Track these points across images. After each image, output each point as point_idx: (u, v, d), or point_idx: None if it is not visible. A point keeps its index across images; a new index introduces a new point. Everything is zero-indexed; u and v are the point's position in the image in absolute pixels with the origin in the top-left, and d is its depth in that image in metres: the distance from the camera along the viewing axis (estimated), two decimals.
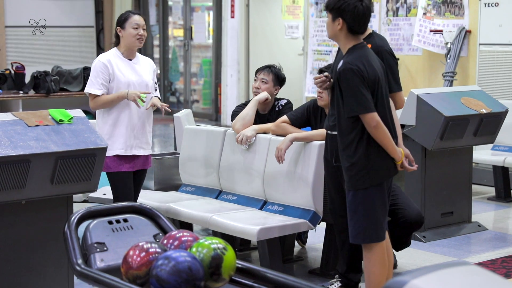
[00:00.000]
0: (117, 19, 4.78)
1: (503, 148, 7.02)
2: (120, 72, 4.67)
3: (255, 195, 5.00)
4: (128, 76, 4.68)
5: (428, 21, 8.00)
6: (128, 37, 4.69)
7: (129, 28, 4.68)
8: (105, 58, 4.68)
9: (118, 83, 4.65)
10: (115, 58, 4.70)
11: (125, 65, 4.71)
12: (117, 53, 4.73)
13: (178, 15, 13.27)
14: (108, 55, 4.72)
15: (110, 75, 4.65)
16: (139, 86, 4.70)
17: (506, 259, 5.20)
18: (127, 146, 4.66)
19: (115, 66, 4.66)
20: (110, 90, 4.66)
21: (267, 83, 5.07)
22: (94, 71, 4.66)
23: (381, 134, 3.78)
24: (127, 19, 4.69)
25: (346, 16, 3.79)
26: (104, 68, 4.64)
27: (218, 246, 2.86)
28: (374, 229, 3.86)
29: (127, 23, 4.68)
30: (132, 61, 4.76)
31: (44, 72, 6.95)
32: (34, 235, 3.94)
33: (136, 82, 4.70)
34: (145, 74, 4.78)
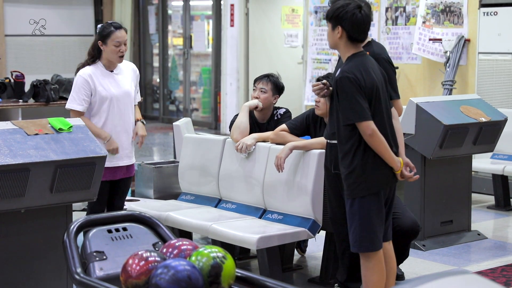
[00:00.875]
0: (98, 30, 4.75)
1: (502, 157, 7.02)
2: (102, 87, 4.69)
3: (254, 204, 5.00)
4: (110, 90, 4.70)
5: (428, 30, 8.02)
6: (109, 53, 4.70)
7: (111, 45, 4.68)
8: (86, 73, 4.68)
9: (100, 98, 4.68)
10: (96, 71, 4.71)
11: (107, 78, 4.73)
12: (98, 66, 4.74)
13: (178, 24, 13.30)
14: (89, 69, 4.72)
15: (92, 90, 4.67)
16: (122, 98, 4.72)
17: (506, 268, 5.19)
18: (111, 157, 4.65)
19: (96, 80, 4.68)
20: (93, 104, 4.69)
21: (266, 92, 5.08)
22: (76, 87, 4.68)
23: (377, 142, 3.78)
24: (109, 35, 4.68)
25: (345, 24, 3.80)
26: (86, 84, 4.66)
27: (217, 255, 2.85)
28: (369, 238, 3.86)
29: (109, 39, 4.68)
30: (113, 72, 4.77)
31: (44, 80, 6.95)
32: (34, 244, 3.94)
33: (119, 95, 4.72)
34: (127, 83, 4.80)
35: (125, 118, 4.78)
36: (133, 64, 4.97)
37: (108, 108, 4.71)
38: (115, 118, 4.72)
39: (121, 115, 4.76)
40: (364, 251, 3.89)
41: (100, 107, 4.70)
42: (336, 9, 3.83)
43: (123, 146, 4.76)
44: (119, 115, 4.74)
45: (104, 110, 4.71)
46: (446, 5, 7.92)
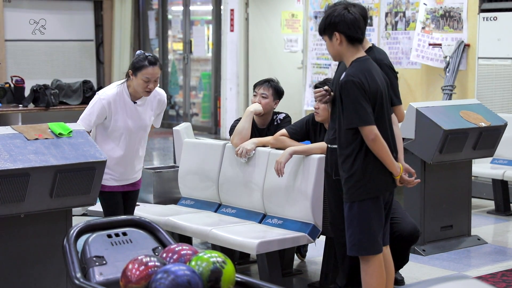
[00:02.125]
0: (134, 59, 4.53)
1: (502, 162, 7.02)
2: (118, 116, 4.53)
3: (254, 209, 5.00)
4: (126, 122, 4.55)
5: (427, 35, 8.03)
6: (136, 86, 4.50)
7: (140, 78, 4.46)
8: (107, 100, 4.49)
9: (115, 125, 4.55)
10: (119, 99, 4.52)
11: (127, 109, 4.55)
12: (124, 92, 4.55)
13: (178, 29, 13.31)
14: (112, 94, 4.52)
15: (108, 115, 4.52)
16: (136, 132, 4.60)
17: (506, 273, 5.19)
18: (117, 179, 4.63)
19: (114, 109, 4.51)
20: (106, 124, 4.55)
21: (267, 98, 5.08)
22: (91, 107, 4.53)
23: (379, 147, 3.79)
24: (141, 69, 4.45)
25: (340, 27, 3.83)
26: (102, 110, 4.50)
27: (217, 260, 2.85)
28: (369, 241, 3.87)
29: (139, 72, 4.45)
30: (137, 103, 4.58)
31: (44, 85, 6.96)
32: (33, 249, 3.93)
33: (134, 128, 4.59)
34: (146, 117, 4.63)
35: (135, 148, 4.64)
36: (163, 93, 4.75)
37: (119, 137, 4.58)
38: (124, 147, 4.59)
39: (132, 146, 4.62)
40: (364, 254, 3.89)
41: (112, 133, 4.57)
42: (326, 18, 3.89)
43: (128, 171, 4.65)
44: (129, 145, 4.60)
45: (116, 138, 4.58)
46: (445, 10, 7.93)
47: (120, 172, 4.64)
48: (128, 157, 4.64)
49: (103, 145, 4.56)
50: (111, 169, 4.57)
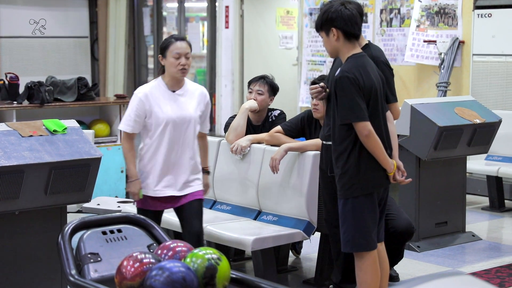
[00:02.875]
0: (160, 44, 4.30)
1: (496, 158, 7.03)
2: (159, 108, 4.19)
3: (249, 205, 5.00)
4: (167, 112, 4.19)
5: (422, 33, 8.04)
6: (169, 67, 4.21)
7: (170, 57, 4.19)
8: (143, 92, 4.21)
9: (157, 119, 4.19)
10: (156, 91, 4.23)
11: (167, 99, 4.23)
12: (160, 84, 4.26)
13: (173, 26, 13.29)
14: (149, 87, 4.24)
15: (147, 111, 4.19)
16: (181, 123, 4.22)
17: (500, 269, 5.20)
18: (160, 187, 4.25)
19: (153, 101, 4.19)
20: (149, 126, 4.21)
21: (263, 94, 5.08)
22: (130, 106, 4.23)
23: (373, 143, 3.79)
24: (168, 46, 4.20)
25: (337, 22, 3.83)
26: (140, 104, 4.19)
27: (212, 256, 2.85)
28: (363, 238, 3.87)
29: (167, 51, 4.20)
30: (176, 92, 4.26)
31: (38, 82, 6.94)
32: (28, 246, 3.93)
33: (178, 119, 4.20)
34: (189, 107, 4.27)
35: (184, 146, 4.26)
36: (203, 88, 4.44)
37: (162, 132, 4.20)
38: (170, 145, 4.22)
39: (179, 143, 4.24)
40: (358, 251, 3.90)
41: (156, 130, 4.21)
42: (323, 14, 3.89)
43: (173, 174, 4.25)
44: (176, 142, 4.23)
45: (158, 135, 4.21)
46: (440, 7, 7.93)
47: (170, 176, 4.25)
48: (177, 157, 4.24)
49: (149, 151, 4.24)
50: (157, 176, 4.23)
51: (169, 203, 4.32)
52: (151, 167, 4.25)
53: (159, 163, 4.24)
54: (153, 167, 4.25)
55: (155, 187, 4.26)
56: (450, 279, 1.96)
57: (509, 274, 5.09)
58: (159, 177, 4.25)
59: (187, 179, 4.30)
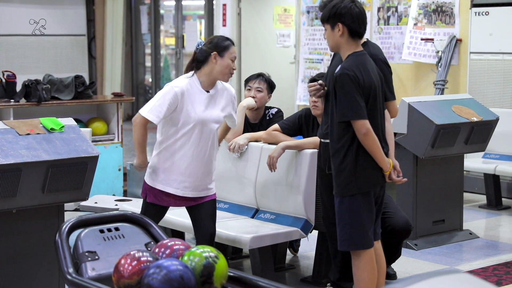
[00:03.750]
0: (211, 41, 4.21)
1: (494, 156, 7.04)
2: (192, 107, 4.12)
3: (247, 204, 5.00)
4: (199, 113, 4.13)
5: (419, 32, 8.04)
6: (222, 67, 4.15)
7: (228, 58, 4.16)
8: (181, 88, 4.10)
9: (188, 118, 4.11)
10: (192, 88, 4.14)
11: (201, 99, 4.15)
12: (195, 81, 4.17)
13: (170, 24, 13.29)
14: (185, 83, 4.14)
15: (179, 107, 4.10)
16: (208, 123, 4.16)
17: (497, 267, 5.21)
18: (181, 187, 4.20)
19: (188, 98, 4.11)
20: (176, 121, 4.12)
21: (262, 92, 5.08)
22: (162, 97, 4.08)
23: (370, 142, 3.79)
24: (228, 48, 4.16)
25: (345, 19, 3.82)
26: (175, 99, 4.07)
27: (209, 255, 2.85)
28: (359, 236, 3.87)
29: (227, 52, 4.16)
30: (210, 93, 4.19)
31: (36, 80, 6.93)
32: (25, 244, 3.93)
33: (208, 119, 4.15)
34: (220, 108, 4.23)
35: (206, 146, 4.19)
36: (230, 86, 4.37)
37: (191, 131, 4.14)
38: (197, 144, 4.16)
39: (202, 142, 4.17)
40: (355, 249, 3.90)
41: (182, 128, 4.14)
42: (332, 7, 3.85)
43: (195, 176, 4.18)
44: (200, 142, 4.16)
45: (186, 133, 4.14)
46: (437, 5, 7.94)
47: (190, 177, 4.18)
48: (200, 157, 4.18)
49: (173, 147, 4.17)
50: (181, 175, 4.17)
51: (183, 201, 4.27)
52: (173, 163, 4.17)
53: (184, 162, 4.16)
54: (176, 164, 4.17)
55: (177, 186, 4.19)
56: (448, 277, 1.96)
57: (506, 272, 5.10)
58: (184, 177, 4.18)
59: (207, 181, 4.26)
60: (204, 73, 4.18)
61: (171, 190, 4.19)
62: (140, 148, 4.21)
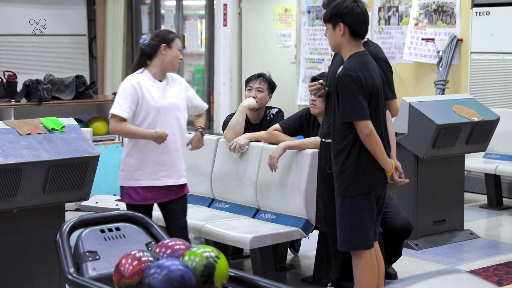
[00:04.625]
0: (157, 35, 4.41)
1: (495, 156, 7.04)
2: (151, 96, 4.30)
3: (247, 203, 5.00)
4: (159, 101, 4.31)
5: (420, 32, 8.04)
6: (171, 57, 4.36)
7: (175, 49, 4.39)
8: (135, 80, 4.30)
9: (148, 107, 4.28)
10: (144, 80, 4.33)
11: (156, 88, 4.34)
12: (146, 75, 4.36)
13: (171, 24, 13.28)
14: (138, 77, 4.34)
15: (139, 98, 4.28)
16: (170, 110, 4.33)
17: (498, 267, 5.21)
18: (159, 176, 4.31)
19: (145, 89, 4.29)
20: (137, 114, 4.29)
21: (263, 92, 5.08)
22: (122, 93, 4.27)
23: (373, 143, 3.79)
24: (174, 39, 4.40)
25: (347, 19, 3.82)
26: (133, 91, 4.26)
27: (210, 255, 2.85)
28: (360, 236, 3.87)
29: (174, 43, 4.38)
30: (162, 82, 4.39)
31: (36, 80, 6.94)
32: (26, 244, 3.93)
33: (168, 106, 4.33)
34: (176, 96, 4.41)
35: (174, 133, 4.34)
36: (181, 78, 4.60)
37: (155, 119, 4.29)
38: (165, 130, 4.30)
39: (169, 130, 4.31)
40: (356, 249, 3.90)
41: (146, 118, 4.29)
42: (334, 7, 3.86)
43: (170, 163, 4.33)
44: (166, 129, 4.29)
45: (150, 123, 4.28)
46: (438, 5, 7.94)
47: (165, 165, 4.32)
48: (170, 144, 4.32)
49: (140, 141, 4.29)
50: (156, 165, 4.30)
51: (164, 194, 4.36)
52: (146, 157, 4.29)
53: (156, 152, 4.31)
54: (149, 156, 4.30)
55: (155, 177, 4.30)
56: (448, 277, 1.96)
57: (507, 272, 5.10)
58: (159, 166, 4.31)
59: (182, 168, 4.41)
60: (155, 66, 4.38)
61: (150, 183, 4.30)
62: (141, 133, 4.26)
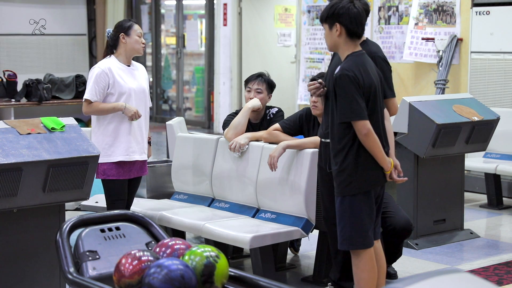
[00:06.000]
0: (116, 26, 4.81)
1: (495, 156, 7.04)
2: (122, 79, 4.70)
3: (247, 203, 5.00)
4: (129, 84, 4.72)
5: (420, 31, 8.04)
6: (132, 44, 4.74)
7: (134, 35, 4.74)
8: (105, 66, 4.69)
9: (120, 89, 4.68)
10: (114, 66, 4.72)
11: (125, 72, 4.75)
12: (114, 61, 4.75)
13: (171, 23, 13.29)
14: (108, 62, 4.73)
15: (110, 83, 4.67)
16: (139, 93, 4.77)
17: (498, 267, 5.21)
18: (129, 152, 4.71)
19: (115, 73, 4.69)
20: (110, 98, 4.68)
21: (261, 93, 5.08)
22: (93, 78, 4.67)
23: (371, 142, 3.79)
24: (132, 27, 4.75)
25: (342, 19, 3.82)
26: (104, 76, 4.66)
27: (210, 254, 2.85)
28: (359, 236, 3.87)
29: (131, 30, 4.74)
30: (130, 67, 4.80)
31: (36, 80, 6.94)
32: (26, 244, 3.93)
33: (137, 89, 4.76)
34: (142, 80, 4.85)
35: (142, 113, 4.77)
36: (143, 66, 5.00)
37: (126, 101, 4.69)
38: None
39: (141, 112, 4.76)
40: (355, 249, 3.90)
41: (118, 100, 4.68)
42: (330, 7, 3.86)
43: (137, 140, 4.76)
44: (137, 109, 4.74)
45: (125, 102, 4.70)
46: (438, 4, 7.94)
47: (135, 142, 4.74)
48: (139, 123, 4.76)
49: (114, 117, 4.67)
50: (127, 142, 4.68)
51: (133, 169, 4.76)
52: (118, 134, 4.68)
53: (128, 129, 4.71)
54: (122, 133, 4.69)
55: (126, 152, 4.71)
56: (448, 276, 1.96)
57: (507, 271, 5.10)
58: (129, 143, 4.71)
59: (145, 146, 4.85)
60: (119, 53, 4.78)
61: (121, 158, 4.69)
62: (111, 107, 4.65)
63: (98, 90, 4.64)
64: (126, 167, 4.72)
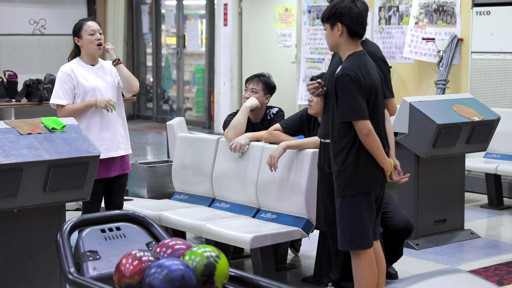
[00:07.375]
0: (72, 30, 4.81)
1: (495, 156, 7.04)
2: (84, 79, 4.71)
3: (248, 203, 5.00)
4: (92, 82, 4.73)
5: (420, 31, 8.04)
6: (86, 44, 4.74)
7: (86, 35, 4.74)
8: (68, 68, 4.72)
9: (84, 88, 4.69)
10: (77, 67, 4.74)
11: (89, 71, 4.76)
12: (79, 62, 4.78)
13: (171, 23, 13.29)
14: (71, 64, 4.76)
15: (74, 84, 4.70)
16: (105, 90, 4.75)
17: (498, 267, 5.21)
18: (102, 149, 4.59)
19: (78, 74, 4.71)
20: (76, 98, 4.70)
21: (257, 93, 5.08)
22: (58, 82, 4.71)
23: (372, 142, 3.79)
24: (82, 27, 4.75)
25: (344, 19, 3.81)
26: (68, 78, 4.69)
27: (211, 254, 2.85)
28: (360, 236, 3.87)
29: (82, 31, 4.74)
30: (95, 66, 4.80)
31: (37, 80, 6.94)
32: (27, 244, 3.93)
33: (102, 87, 4.75)
34: (109, 77, 4.82)
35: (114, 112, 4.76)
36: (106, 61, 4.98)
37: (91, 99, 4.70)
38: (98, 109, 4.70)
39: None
40: (355, 249, 3.90)
41: (84, 99, 4.70)
42: (332, 7, 3.85)
43: (112, 136, 4.73)
44: None
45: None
46: (439, 4, 7.94)
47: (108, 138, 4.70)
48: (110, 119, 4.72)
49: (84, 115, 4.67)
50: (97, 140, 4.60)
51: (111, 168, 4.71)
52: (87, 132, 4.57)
53: (96, 127, 4.69)
54: (90, 132, 4.64)
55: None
56: (449, 277, 1.96)
57: (508, 271, 5.10)
58: (100, 140, 4.64)
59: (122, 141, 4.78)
60: (82, 55, 4.80)
61: None
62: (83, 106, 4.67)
63: (65, 93, 4.67)
64: (101, 166, 4.62)
